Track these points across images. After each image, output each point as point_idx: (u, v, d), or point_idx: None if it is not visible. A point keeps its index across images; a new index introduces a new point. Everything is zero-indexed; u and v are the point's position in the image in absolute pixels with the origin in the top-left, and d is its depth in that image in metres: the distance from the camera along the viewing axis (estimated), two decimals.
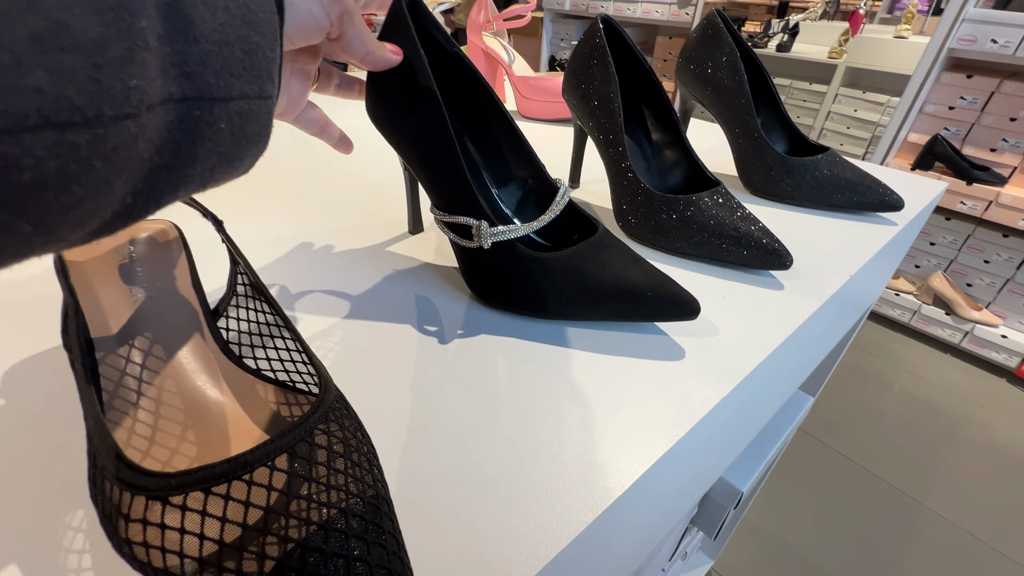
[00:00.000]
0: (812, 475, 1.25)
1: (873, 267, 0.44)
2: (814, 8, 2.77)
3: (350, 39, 0.24)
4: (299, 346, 0.23)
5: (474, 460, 0.23)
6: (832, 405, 1.44)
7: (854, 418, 1.42)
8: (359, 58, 0.26)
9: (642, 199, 0.41)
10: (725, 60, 0.50)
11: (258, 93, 0.16)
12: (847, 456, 1.31)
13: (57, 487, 0.21)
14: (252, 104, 0.16)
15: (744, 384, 0.29)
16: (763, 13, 3.39)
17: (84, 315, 0.22)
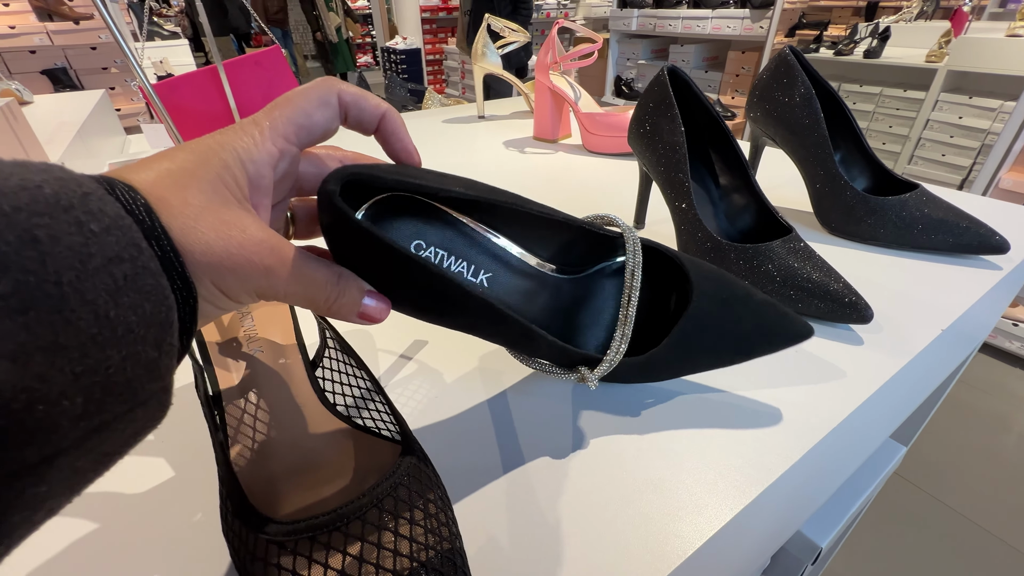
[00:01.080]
0: (908, 526, 1.13)
1: (972, 317, 0.41)
2: (909, 8, 2.56)
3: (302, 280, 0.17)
4: (383, 398, 0.26)
5: (540, 515, 0.25)
6: (934, 448, 1.30)
7: (960, 463, 1.27)
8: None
9: (709, 247, 0.41)
10: (799, 98, 0.49)
11: (127, 407, 0.12)
12: (949, 505, 1.17)
13: (195, 514, 0.25)
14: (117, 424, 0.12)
15: (818, 448, 0.28)
16: (848, 16, 3.18)
17: (214, 371, 0.27)
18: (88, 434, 0.11)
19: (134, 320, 0.12)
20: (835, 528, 0.56)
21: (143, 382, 0.12)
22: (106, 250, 0.12)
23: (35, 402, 0.10)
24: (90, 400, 0.11)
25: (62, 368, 0.10)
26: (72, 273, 0.11)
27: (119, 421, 0.12)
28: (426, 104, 1.24)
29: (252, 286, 0.16)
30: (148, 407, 0.13)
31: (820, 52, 2.39)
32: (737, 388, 0.32)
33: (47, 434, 0.10)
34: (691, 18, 2.41)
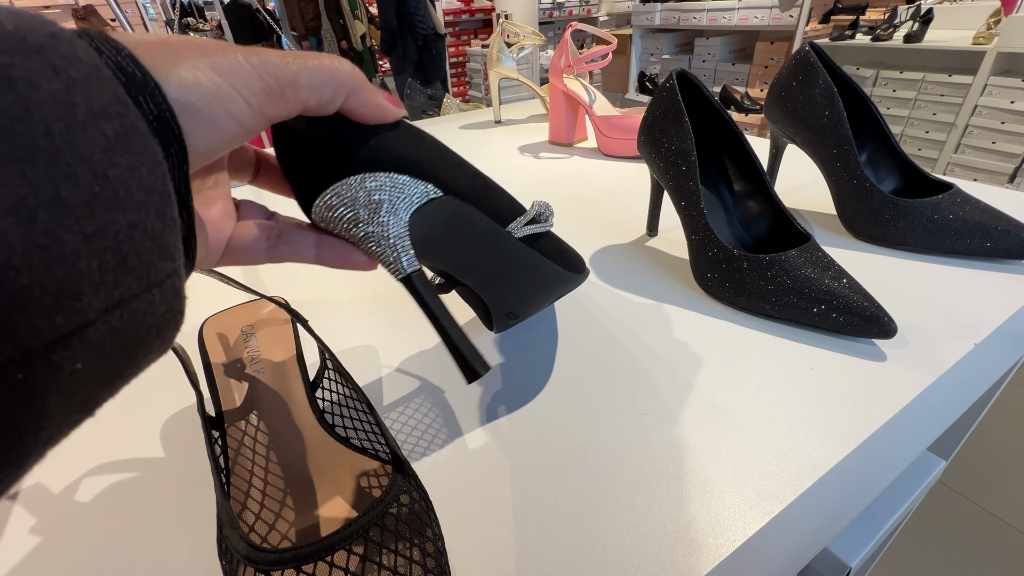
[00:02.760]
0: (952, 536, 1.07)
1: (1013, 328, 0.38)
2: None
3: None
4: (375, 419, 0.26)
5: (539, 534, 0.24)
6: (981, 455, 1.22)
7: (1009, 471, 1.19)
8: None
9: (722, 256, 0.39)
10: (819, 96, 0.46)
11: (143, 285, 0.12)
12: (997, 516, 1.09)
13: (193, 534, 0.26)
14: (135, 303, 0.12)
15: (832, 473, 0.27)
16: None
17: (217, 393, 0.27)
18: (110, 308, 0.11)
19: (133, 184, 0.11)
20: (866, 546, 0.53)
21: (153, 257, 0.12)
22: (91, 102, 0.11)
23: (52, 262, 0.10)
24: (105, 268, 0.11)
25: (70, 227, 0.10)
26: (60, 124, 0.10)
27: (138, 301, 0.12)
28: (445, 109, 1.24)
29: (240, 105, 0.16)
30: (164, 290, 0.13)
31: (856, 38, 2.28)
32: (751, 405, 0.31)
33: (71, 300, 0.10)
34: (716, 10, 2.34)
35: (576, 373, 0.34)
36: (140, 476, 0.29)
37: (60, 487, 0.29)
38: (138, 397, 0.34)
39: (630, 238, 0.51)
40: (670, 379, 0.33)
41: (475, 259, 0.27)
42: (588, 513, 0.25)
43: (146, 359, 0.13)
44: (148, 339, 0.13)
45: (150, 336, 0.13)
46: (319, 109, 0.19)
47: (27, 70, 0.10)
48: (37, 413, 0.10)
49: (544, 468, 0.28)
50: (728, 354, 0.35)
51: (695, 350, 0.35)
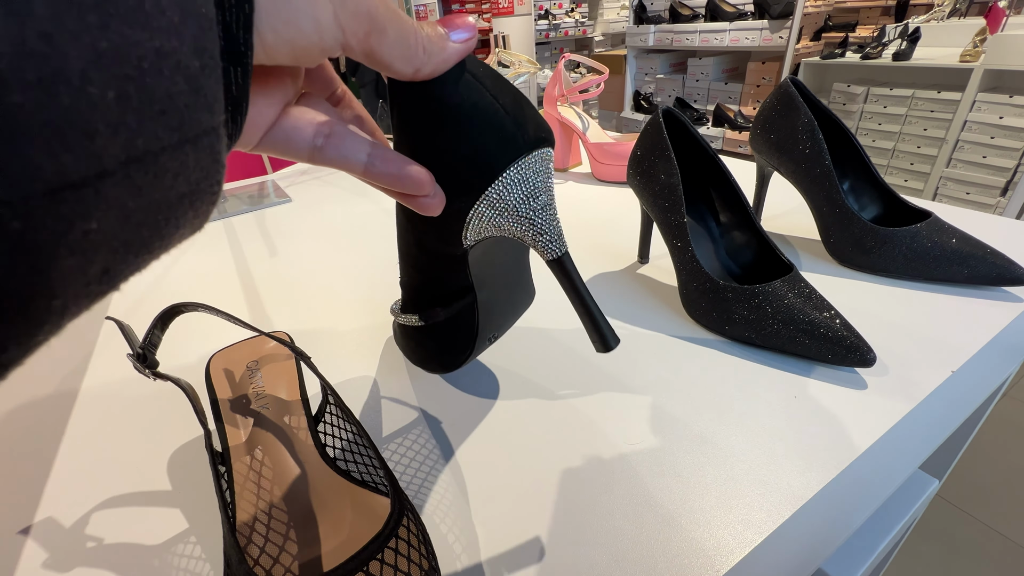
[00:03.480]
0: (952, 552, 1.06)
1: (989, 356, 0.39)
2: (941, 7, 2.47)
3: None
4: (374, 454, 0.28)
5: (536, 570, 0.25)
6: (980, 468, 1.22)
7: (1008, 484, 1.19)
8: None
9: (708, 287, 0.41)
10: (801, 128, 0.48)
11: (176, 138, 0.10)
12: (998, 530, 1.09)
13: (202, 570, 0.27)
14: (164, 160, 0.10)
15: (812, 504, 0.28)
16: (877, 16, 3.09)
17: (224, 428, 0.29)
18: (133, 160, 0.09)
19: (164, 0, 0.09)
20: (861, 567, 0.53)
21: (188, 104, 0.10)
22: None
23: (54, 79, 0.08)
24: (125, 103, 0.09)
25: (78, 35, 0.08)
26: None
27: (168, 156, 0.10)
28: None
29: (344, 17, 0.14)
30: (199, 149, 0.11)
31: (847, 56, 2.33)
32: (736, 434, 0.32)
33: (81, 137, 0.08)
34: (708, 31, 2.39)
35: (567, 403, 0.35)
36: (148, 510, 0.30)
37: (71, 521, 0.30)
38: (147, 432, 0.36)
39: (622, 265, 0.53)
40: (659, 408, 0.34)
41: (508, 265, 0.29)
42: (578, 543, 0.26)
43: (178, 233, 0.11)
44: (180, 208, 0.11)
45: (183, 205, 0.11)
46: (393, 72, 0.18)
47: None
48: (44, 274, 0.09)
49: (536, 499, 0.29)
50: (715, 382, 0.36)
51: (683, 378, 0.37)
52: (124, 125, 0.09)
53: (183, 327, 0.43)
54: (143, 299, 0.54)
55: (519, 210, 0.24)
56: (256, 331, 0.31)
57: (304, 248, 0.63)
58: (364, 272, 0.56)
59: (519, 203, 0.24)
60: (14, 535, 0.29)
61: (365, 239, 0.64)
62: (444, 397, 0.37)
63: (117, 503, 0.30)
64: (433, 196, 0.22)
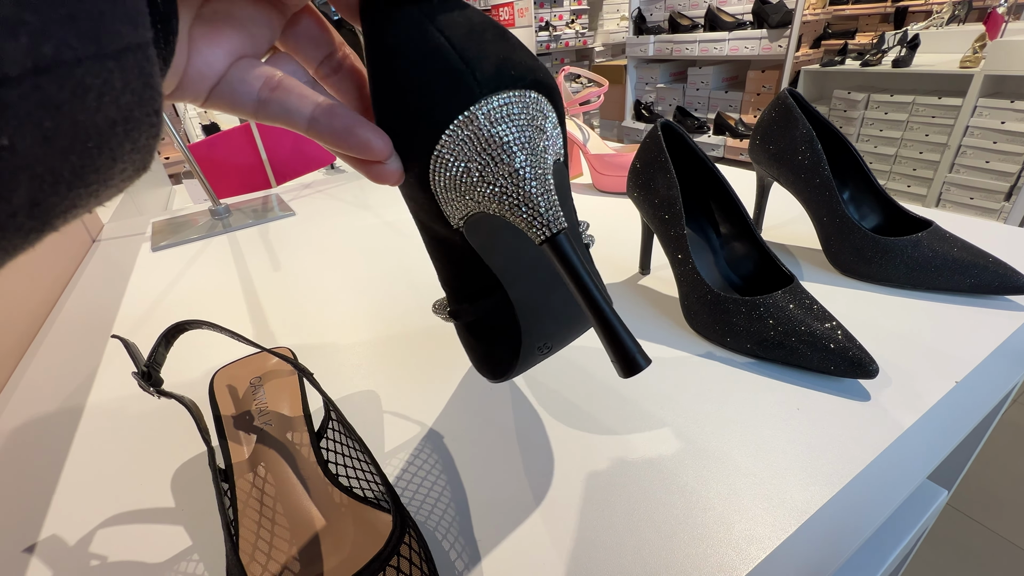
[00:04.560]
0: (962, 561, 1.05)
1: (993, 365, 0.39)
2: (939, 14, 2.48)
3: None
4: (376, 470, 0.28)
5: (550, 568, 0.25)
6: (990, 476, 1.20)
7: (1019, 492, 1.17)
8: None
9: (709, 299, 0.41)
10: (800, 139, 0.49)
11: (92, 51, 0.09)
12: (1007, 539, 1.07)
13: None
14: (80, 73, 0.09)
15: (816, 518, 0.28)
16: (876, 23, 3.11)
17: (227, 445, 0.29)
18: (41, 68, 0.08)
19: None
20: None
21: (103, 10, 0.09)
22: None
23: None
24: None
25: None
26: None
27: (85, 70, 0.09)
28: None
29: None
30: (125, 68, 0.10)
31: (847, 63, 2.34)
32: (739, 448, 0.32)
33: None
34: (708, 41, 2.41)
35: (568, 415, 0.35)
36: (152, 528, 0.30)
37: (75, 539, 0.30)
38: (151, 449, 0.36)
39: (623, 276, 0.53)
40: (660, 421, 0.34)
41: (543, 259, 0.22)
42: (580, 559, 0.26)
43: (116, 167, 0.11)
44: (114, 137, 0.10)
45: (115, 134, 0.10)
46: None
47: None
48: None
49: (539, 514, 0.29)
50: (717, 395, 0.36)
51: (685, 391, 0.37)
52: (24, 24, 0.08)
53: (187, 343, 0.44)
54: (148, 315, 0.55)
55: (485, 176, 0.19)
56: (259, 348, 0.32)
57: (308, 262, 0.64)
58: (367, 285, 0.56)
59: (482, 166, 0.19)
60: (19, 553, 0.30)
61: (369, 252, 0.65)
62: (447, 412, 0.37)
63: (121, 520, 0.31)
64: (388, 163, 0.19)
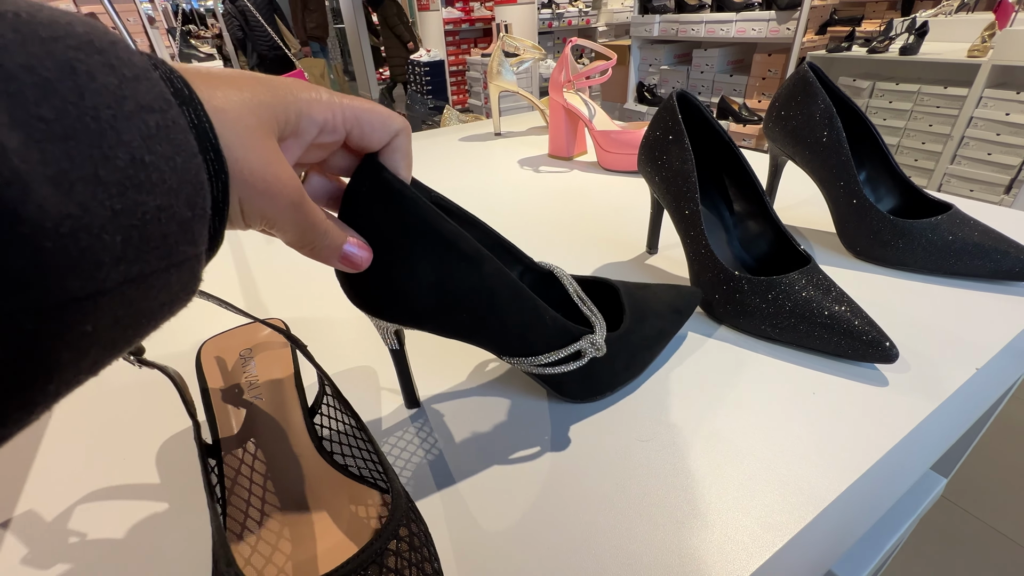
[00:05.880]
0: (955, 552, 1.06)
1: (1010, 352, 0.38)
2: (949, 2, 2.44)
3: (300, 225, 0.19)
4: (373, 448, 0.26)
5: (543, 570, 0.24)
6: (984, 469, 1.22)
7: (1012, 484, 1.19)
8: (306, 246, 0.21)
9: (722, 278, 0.39)
10: (819, 115, 0.47)
11: (163, 264, 0.13)
12: (1001, 531, 1.09)
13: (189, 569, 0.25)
14: (153, 280, 0.12)
15: (833, 506, 0.27)
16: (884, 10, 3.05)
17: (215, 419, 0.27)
18: (128, 281, 0.12)
19: (167, 171, 0.12)
20: (867, 567, 0.52)
21: (178, 241, 0.13)
22: (139, 96, 0.12)
23: (78, 230, 0.10)
24: (128, 243, 0.12)
25: (102, 202, 0.11)
26: (109, 112, 0.11)
27: (156, 278, 0.13)
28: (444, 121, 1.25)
29: (270, 213, 0.18)
30: (182, 271, 0.13)
31: (853, 50, 2.30)
32: (754, 432, 0.30)
33: (91, 269, 0.11)
34: (714, 22, 2.36)
35: None
36: (134, 505, 0.28)
37: (53, 515, 0.28)
38: (133, 422, 0.34)
39: (630, 255, 0.51)
40: (671, 404, 0.33)
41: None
42: (588, 544, 0.25)
43: (153, 329, 0.14)
44: (160, 313, 0.14)
45: (162, 311, 0.14)
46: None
47: (89, 64, 0.11)
48: (45, 364, 0.11)
49: (543, 497, 0.27)
50: (730, 378, 0.35)
51: (697, 374, 0.35)
52: (124, 259, 0.11)
53: None
54: None
55: None
56: (250, 317, 0.30)
57: None
58: None
59: None
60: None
61: None
62: (447, 389, 0.35)
63: (101, 496, 0.29)
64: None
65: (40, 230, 0.10)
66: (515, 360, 0.29)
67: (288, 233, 0.19)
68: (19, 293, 0.10)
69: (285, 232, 0.19)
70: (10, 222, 0.09)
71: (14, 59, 0.10)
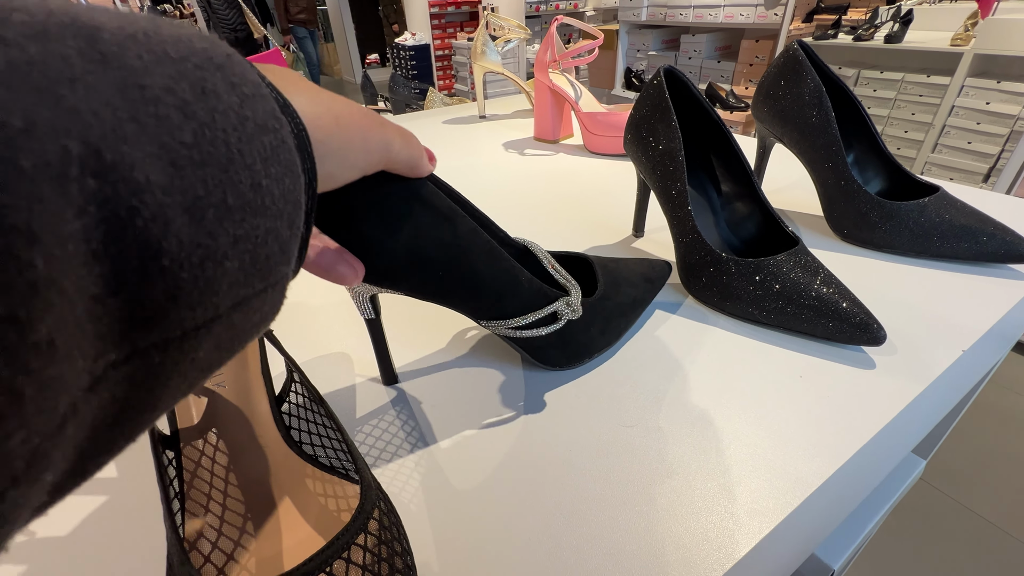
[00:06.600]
0: (933, 533, 1.09)
1: (999, 332, 0.37)
2: None
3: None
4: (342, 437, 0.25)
5: (522, 562, 0.23)
6: (961, 452, 1.25)
7: (987, 466, 1.22)
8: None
9: (709, 260, 0.38)
10: (808, 95, 0.46)
11: (262, 287, 0.12)
12: (977, 512, 1.12)
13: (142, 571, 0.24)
14: (253, 302, 0.12)
15: (820, 490, 0.26)
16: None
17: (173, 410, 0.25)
18: (235, 305, 0.12)
19: (277, 193, 0.12)
20: (848, 549, 0.53)
21: (277, 261, 0.13)
22: (256, 116, 0.12)
23: (206, 259, 0.10)
24: (242, 268, 0.11)
25: (227, 230, 0.11)
26: (236, 134, 0.11)
27: (255, 299, 0.12)
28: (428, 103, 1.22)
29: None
30: (276, 291, 0.13)
31: (839, 38, 2.30)
32: (740, 417, 0.30)
33: (211, 295, 0.11)
34: (702, 7, 2.33)
35: (556, 383, 0.33)
36: (85, 501, 0.26)
37: None
38: None
39: (616, 239, 0.50)
40: (657, 389, 0.32)
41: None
42: (570, 533, 0.24)
43: (241, 350, 0.14)
44: (251, 333, 0.13)
45: (254, 331, 0.13)
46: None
47: (214, 84, 0.11)
48: (159, 393, 0.11)
49: (523, 484, 0.26)
50: (716, 362, 0.34)
51: (682, 358, 0.34)
52: (236, 283, 0.11)
53: None
54: None
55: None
56: None
57: None
58: None
59: None
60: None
61: None
62: (424, 376, 0.34)
63: None
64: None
65: (177, 263, 0.10)
66: (491, 324, 0.29)
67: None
68: (155, 327, 0.10)
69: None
70: (153, 256, 0.09)
71: (156, 82, 0.10)
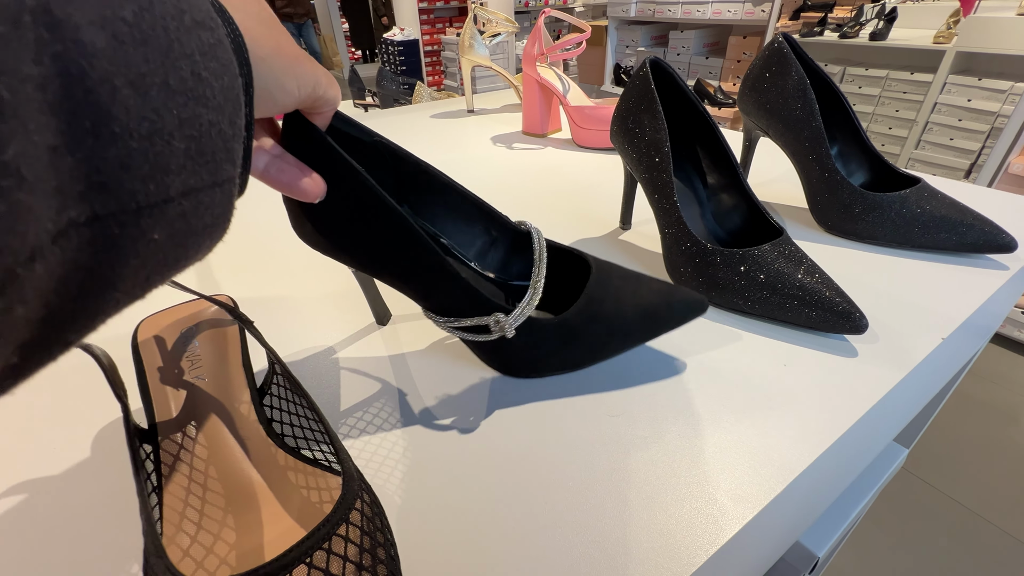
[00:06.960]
0: (915, 521, 1.11)
1: (978, 319, 0.38)
2: None
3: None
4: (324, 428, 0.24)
5: (506, 550, 0.23)
6: (941, 441, 1.27)
7: (968, 456, 1.24)
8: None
9: (695, 251, 0.38)
10: (792, 88, 0.46)
11: (211, 181, 0.13)
12: (957, 500, 1.14)
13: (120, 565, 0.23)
14: (202, 196, 0.13)
15: (803, 477, 0.26)
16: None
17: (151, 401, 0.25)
18: (186, 193, 0.12)
19: (217, 87, 0.13)
20: (832, 536, 0.54)
21: (222, 158, 0.14)
22: (193, 12, 0.13)
23: (153, 134, 0.11)
24: (188, 154, 0.12)
25: (172, 111, 0.12)
26: (174, 23, 0.12)
27: (205, 194, 0.13)
28: (416, 98, 1.21)
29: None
30: (224, 192, 0.14)
31: (825, 35, 2.32)
32: (724, 405, 0.30)
33: (161, 173, 0.11)
34: (691, 3, 2.34)
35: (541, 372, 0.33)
36: (63, 499, 0.26)
37: None
38: (61, 409, 0.31)
39: (603, 231, 0.50)
40: (642, 378, 0.32)
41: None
42: (554, 522, 0.24)
43: (194, 256, 0.14)
44: (202, 236, 0.14)
45: (204, 234, 0.14)
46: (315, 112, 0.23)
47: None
48: (118, 271, 0.11)
49: (508, 474, 0.26)
50: (700, 351, 0.34)
51: (668, 348, 0.34)
52: (185, 168, 0.12)
53: None
54: None
55: None
56: (194, 293, 0.27)
57: (260, 210, 0.58)
58: None
59: None
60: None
61: None
62: (408, 367, 0.34)
63: (25, 490, 0.26)
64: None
65: (127, 131, 0.10)
66: (432, 316, 0.30)
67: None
68: (110, 195, 0.10)
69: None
70: (103, 120, 0.10)
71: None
